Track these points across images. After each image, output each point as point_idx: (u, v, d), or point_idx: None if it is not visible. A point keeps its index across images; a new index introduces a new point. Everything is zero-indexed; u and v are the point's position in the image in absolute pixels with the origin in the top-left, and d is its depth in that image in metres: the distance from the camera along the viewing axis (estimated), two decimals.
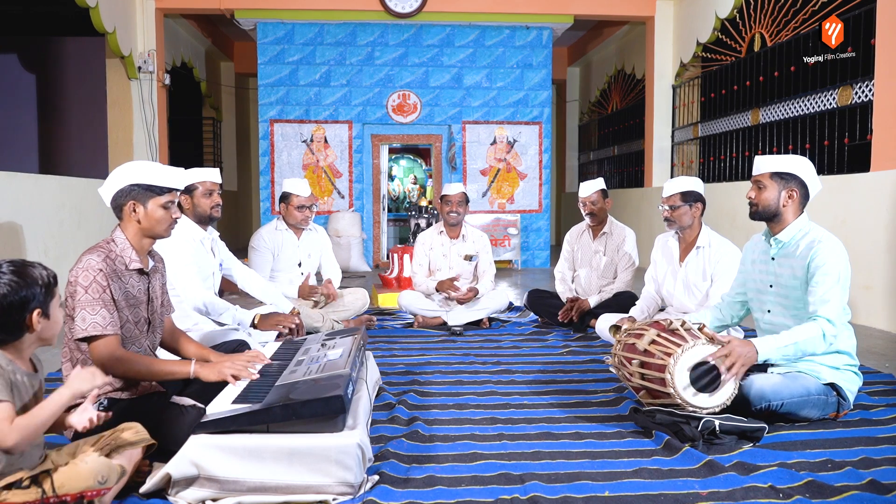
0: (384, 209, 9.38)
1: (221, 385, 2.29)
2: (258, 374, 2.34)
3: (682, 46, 8.32)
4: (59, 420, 1.88)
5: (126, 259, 2.30)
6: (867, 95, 5.14)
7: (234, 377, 2.28)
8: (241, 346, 2.92)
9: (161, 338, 2.53)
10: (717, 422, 2.39)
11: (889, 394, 3.06)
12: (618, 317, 3.94)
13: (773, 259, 2.80)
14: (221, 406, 2.08)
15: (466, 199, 4.84)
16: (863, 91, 5.21)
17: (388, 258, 8.03)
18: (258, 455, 1.96)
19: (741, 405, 2.52)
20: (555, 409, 2.88)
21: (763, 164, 2.75)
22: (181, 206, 3.24)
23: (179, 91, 9.55)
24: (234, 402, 2.09)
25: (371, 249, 9.21)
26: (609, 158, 11.07)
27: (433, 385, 3.27)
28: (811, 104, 5.91)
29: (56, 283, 1.86)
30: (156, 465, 2.09)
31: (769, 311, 2.83)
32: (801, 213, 2.75)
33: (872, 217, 4.73)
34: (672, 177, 7.48)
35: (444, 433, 2.57)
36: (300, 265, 4.54)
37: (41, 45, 9.33)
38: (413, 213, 8.39)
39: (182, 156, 9.38)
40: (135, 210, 2.31)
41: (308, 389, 2.07)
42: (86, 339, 2.18)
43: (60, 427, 1.94)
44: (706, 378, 2.46)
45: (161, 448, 2.09)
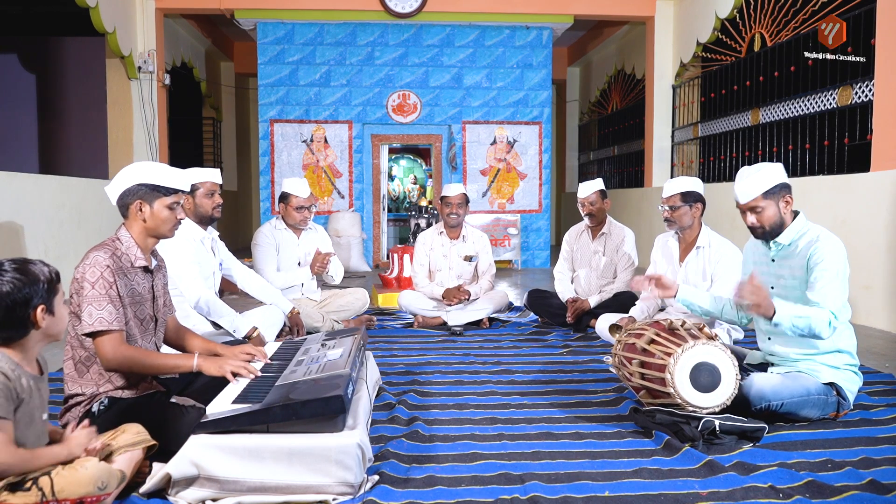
0: (384, 209, 9.38)
1: (222, 385, 2.30)
2: (259, 373, 2.35)
3: (682, 46, 8.31)
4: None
5: (131, 257, 2.33)
6: (867, 95, 5.13)
7: (234, 374, 2.30)
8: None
9: (167, 336, 2.56)
10: (717, 422, 2.39)
11: (889, 394, 3.06)
12: (618, 317, 3.95)
13: (774, 261, 2.80)
14: (221, 406, 2.08)
15: (466, 200, 4.83)
16: (863, 91, 5.21)
17: (388, 258, 8.03)
18: (258, 455, 1.96)
19: (741, 405, 2.52)
20: (555, 409, 2.88)
21: (750, 189, 2.70)
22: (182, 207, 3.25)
23: (179, 91, 9.54)
24: (234, 402, 2.09)
25: (371, 249, 9.21)
26: (609, 158, 11.07)
27: (433, 385, 3.27)
28: (811, 104, 5.90)
29: (59, 280, 1.87)
30: (156, 465, 2.09)
31: None
32: (798, 214, 2.76)
33: (872, 217, 4.73)
34: (672, 177, 7.48)
35: (444, 433, 2.58)
36: (300, 264, 4.55)
37: (41, 45, 9.34)
38: (413, 213, 8.38)
39: (182, 156, 9.38)
40: (141, 209, 2.34)
41: (308, 389, 2.07)
42: (91, 335, 2.20)
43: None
44: (706, 378, 2.47)
45: (161, 448, 2.10)
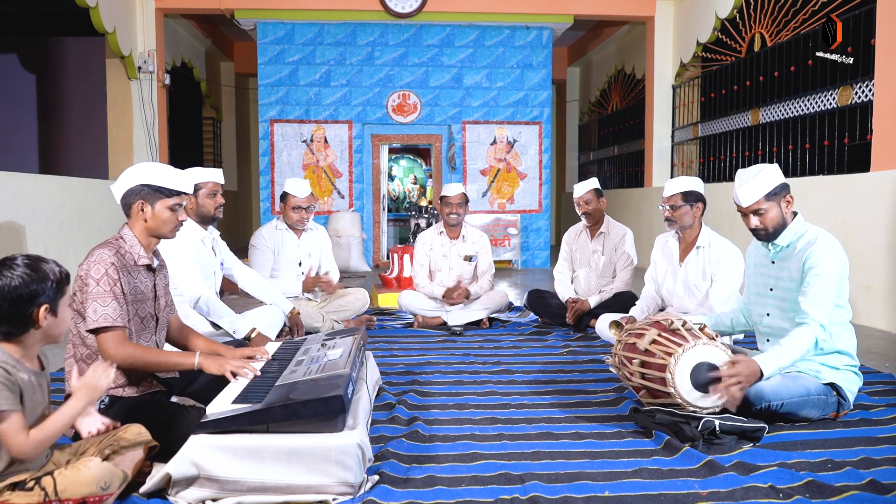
0: (384, 209, 9.38)
1: (222, 385, 2.30)
2: (259, 372, 2.35)
3: (682, 46, 8.31)
4: None
5: (135, 255, 2.35)
6: (867, 95, 5.13)
7: (234, 374, 2.31)
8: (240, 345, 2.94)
9: (170, 335, 2.57)
10: (717, 422, 2.39)
11: (889, 394, 3.06)
12: (618, 316, 3.94)
13: (773, 263, 2.80)
14: (221, 406, 2.08)
15: (466, 200, 4.83)
16: (863, 91, 5.21)
17: (388, 258, 8.03)
18: (258, 455, 1.96)
19: (741, 405, 2.52)
20: (555, 409, 2.88)
21: (752, 193, 2.70)
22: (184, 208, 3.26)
23: (179, 91, 9.54)
24: (234, 402, 2.09)
25: (371, 249, 9.21)
26: (609, 158, 11.07)
27: (433, 385, 3.27)
28: (811, 104, 5.90)
29: (68, 282, 1.87)
30: (156, 465, 2.09)
31: (768, 315, 2.84)
32: (796, 215, 2.76)
33: (872, 217, 4.73)
34: (672, 177, 7.49)
35: (444, 433, 2.58)
36: (300, 264, 4.55)
37: (41, 45, 9.33)
38: (413, 213, 8.37)
39: (182, 156, 9.38)
40: (143, 209, 2.36)
41: (308, 389, 2.07)
42: (95, 331, 2.21)
43: None
44: (707, 378, 2.47)
45: (161, 448, 2.09)
